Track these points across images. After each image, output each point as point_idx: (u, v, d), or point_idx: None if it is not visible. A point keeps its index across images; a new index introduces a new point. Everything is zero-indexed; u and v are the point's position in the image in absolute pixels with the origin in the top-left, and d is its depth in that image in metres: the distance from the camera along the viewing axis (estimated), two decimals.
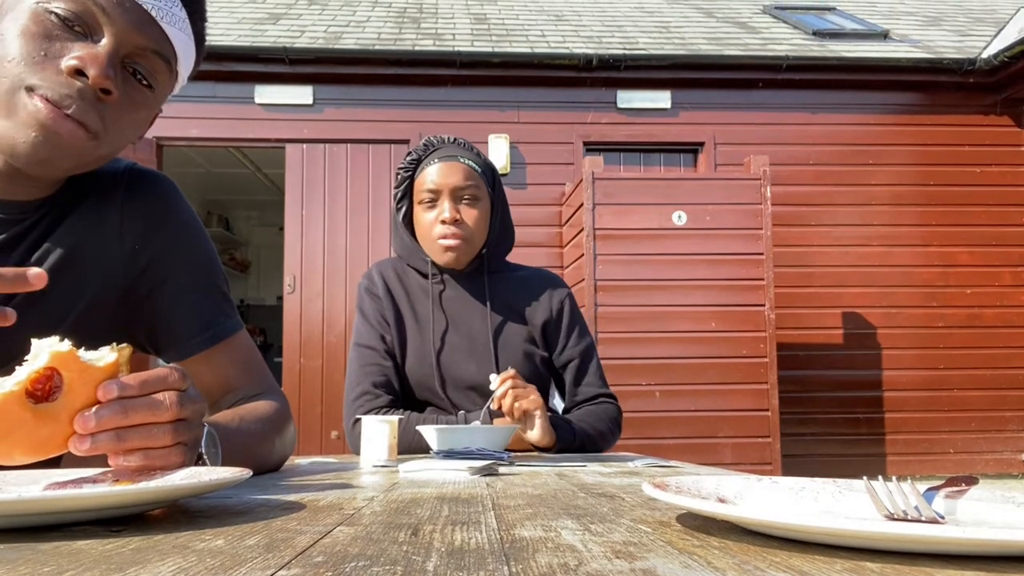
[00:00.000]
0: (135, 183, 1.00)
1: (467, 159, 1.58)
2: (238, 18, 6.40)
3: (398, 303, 1.61)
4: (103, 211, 0.97)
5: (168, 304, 1.00)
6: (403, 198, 1.63)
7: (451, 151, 1.59)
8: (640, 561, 0.41)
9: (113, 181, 0.99)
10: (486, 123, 5.68)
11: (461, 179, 1.55)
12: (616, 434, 1.62)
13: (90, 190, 0.97)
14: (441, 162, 1.57)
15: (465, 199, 1.56)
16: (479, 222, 1.57)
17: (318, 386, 5.43)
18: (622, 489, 0.78)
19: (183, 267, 1.01)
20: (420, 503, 0.66)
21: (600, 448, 1.57)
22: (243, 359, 1.05)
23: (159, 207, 1.01)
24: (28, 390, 0.58)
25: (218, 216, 9.56)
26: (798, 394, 5.42)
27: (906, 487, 0.52)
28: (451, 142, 1.62)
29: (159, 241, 0.99)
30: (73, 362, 0.60)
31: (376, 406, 1.51)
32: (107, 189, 0.98)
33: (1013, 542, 0.38)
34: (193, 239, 1.03)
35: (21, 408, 0.58)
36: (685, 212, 4.53)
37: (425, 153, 1.61)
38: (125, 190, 0.99)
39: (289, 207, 5.61)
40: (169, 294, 1.00)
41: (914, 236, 5.77)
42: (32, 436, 0.59)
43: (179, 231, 1.02)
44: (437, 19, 6.65)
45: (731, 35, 6.43)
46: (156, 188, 1.02)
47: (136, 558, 0.42)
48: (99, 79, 0.81)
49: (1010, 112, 5.90)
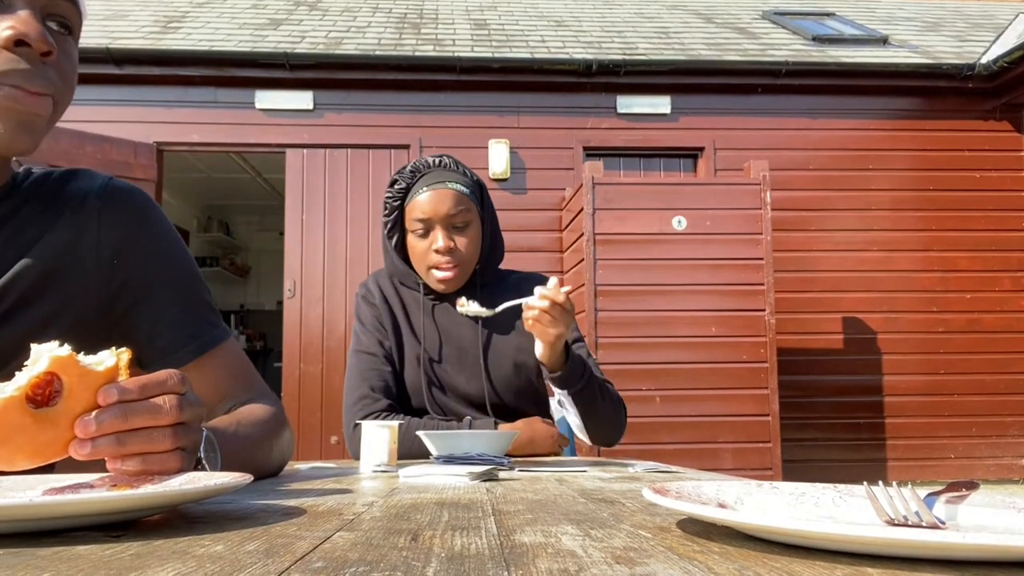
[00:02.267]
0: (111, 197, 0.99)
1: (456, 183, 1.56)
2: (239, 24, 6.42)
3: (394, 312, 1.63)
4: (81, 225, 0.95)
5: (151, 319, 0.98)
6: (394, 226, 1.61)
7: (439, 176, 1.56)
8: (640, 567, 0.41)
9: (90, 196, 0.97)
10: (486, 128, 5.68)
11: (452, 206, 1.53)
12: (622, 414, 1.57)
13: (65, 205, 0.95)
14: (430, 189, 1.54)
15: (457, 225, 1.55)
16: (472, 246, 1.57)
17: (318, 391, 5.42)
18: (622, 494, 0.78)
19: (163, 281, 1.00)
20: (420, 508, 0.66)
21: (610, 413, 1.52)
22: (233, 366, 1.05)
23: (136, 221, 0.99)
24: (28, 395, 0.58)
25: (218, 221, 9.57)
26: (798, 399, 5.42)
27: (907, 492, 0.52)
28: (436, 165, 1.59)
29: (137, 256, 0.98)
30: (73, 366, 0.60)
31: (375, 410, 1.52)
32: (83, 203, 0.96)
33: (1014, 548, 0.38)
34: (172, 252, 1.02)
35: (21, 413, 0.58)
36: (685, 217, 4.53)
37: (413, 180, 1.58)
38: (102, 204, 0.97)
39: (289, 212, 5.61)
40: (151, 309, 0.98)
41: (914, 241, 5.77)
42: (32, 441, 0.59)
43: (157, 245, 1.01)
44: (437, 24, 6.66)
45: (730, 40, 6.45)
46: (132, 202, 1.01)
47: (135, 563, 0.41)
48: (41, 44, 0.81)
49: (1009, 117, 5.91)
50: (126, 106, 5.52)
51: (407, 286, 1.65)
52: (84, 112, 5.43)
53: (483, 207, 1.63)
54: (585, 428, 1.52)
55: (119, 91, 5.52)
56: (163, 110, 5.56)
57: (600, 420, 1.52)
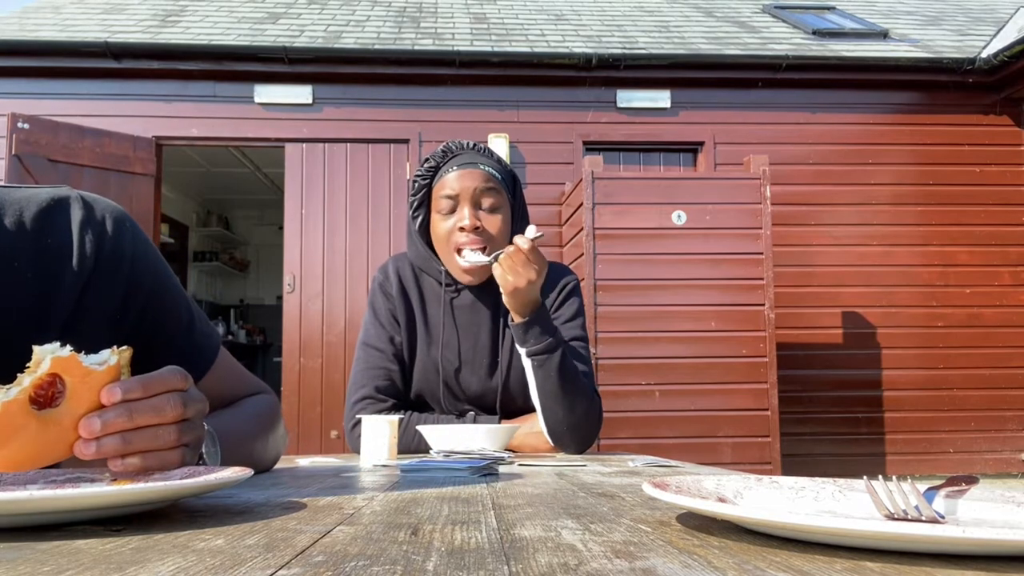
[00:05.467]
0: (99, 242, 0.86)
1: (487, 166, 1.52)
2: (237, 17, 6.40)
3: (411, 303, 1.57)
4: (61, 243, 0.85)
5: (156, 356, 0.90)
6: (419, 206, 1.56)
7: (471, 157, 1.52)
8: (640, 561, 0.41)
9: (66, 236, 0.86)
10: (485, 122, 5.67)
11: (481, 183, 1.49)
12: (594, 420, 1.44)
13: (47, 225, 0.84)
14: (460, 168, 1.50)
15: (485, 206, 1.50)
16: (501, 231, 1.51)
17: (318, 386, 5.42)
18: (622, 489, 0.78)
19: (167, 321, 0.93)
20: (420, 503, 0.66)
21: (571, 399, 1.38)
22: (228, 374, 1.04)
23: (131, 266, 0.88)
24: (31, 397, 0.58)
25: (218, 215, 9.56)
26: (798, 393, 5.42)
27: (906, 487, 0.52)
28: (471, 148, 1.55)
29: (139, 306, 0.89)
30: (75, 367, 0.60)
31: (377, 410, 1.49)
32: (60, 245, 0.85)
33: (1013, 542, 0.38)
34: (167, 287, 0.93)
35: (25, 415, 0.58)
36: (685, 212, 4.53)
37: (443, 160, 1.54)
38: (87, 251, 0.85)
39: (288, 206, 5.61)
40: (155, 348, 0.90)
41: (914, 235, 5.77)
42: (36, 443, 0.59)
43: (155, 288, 0.91)
44: (437, 18, 6.65)
45: (731, 34, 6.43)
46: (123, 242, 0.88)
47: (136, 557, 0.41)
48: None
49: (1009, 111, 5.90)
50: (125, 100, 5.51)
51: (428, 274, 1.59)
52: (82, 106, 5.42)
53: (515, 198, 1.58)
54: (543, 413, 1.40)
55: (118, 85, 5.51)
56: (162, 104, 5.54)
57: (558, 403, 1.38)
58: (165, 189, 6.21)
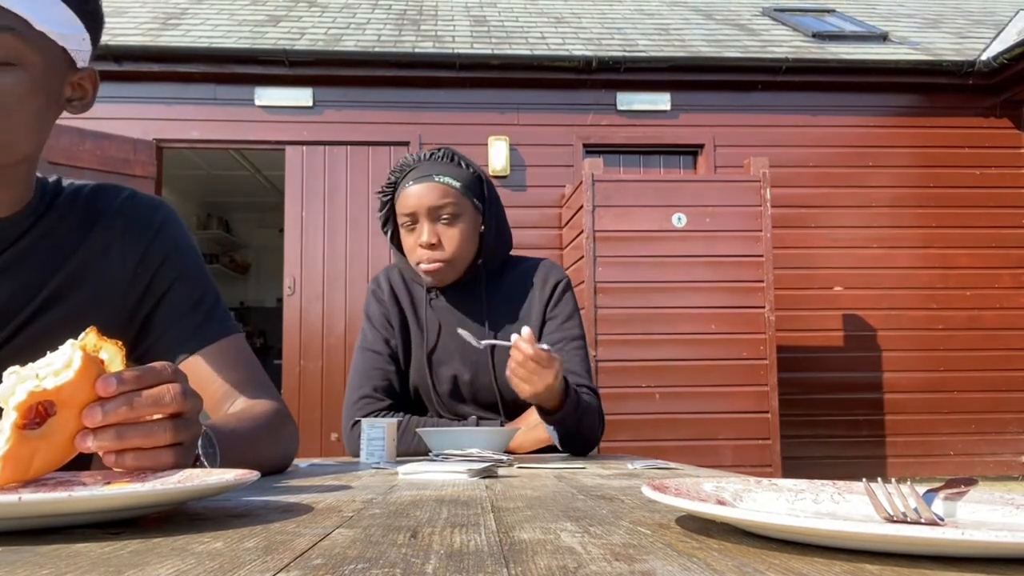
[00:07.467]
0: (132, 212, 1.04)
1: (444, 176, 1.53)
2: (238, 20, 6.41)
3: (402, 308, 1.61)
4: (107, 241, 1.01)
5: (164, 320, 1.03)
6: (387, 222, 1.61)
7: (426, 170, 1.54)
8: (639, 563, 0.41)
9: (111, 212, 1.03)
10: (486, 125, 5.68)
11: (436, 199, 1.51)
12: (599, 429, 1.52)
13: (95, 222, 1.01)
14: (416, 183, 1.52)
15: (443, 218, 1.52)
16: (460, 241, 1.53)
17: (318, 388, 5.42)
18: (621, 491, 0.78)
19: (175, 285, 1.04)
20: (419, 505, 0.66)
21: (591, 436, 1.48)
22: (237, 362, 1.05)
23: (153, 232, 1.05)
24: (21, 425, 0.59)
25: (218, 218, 9.56)
26: (798, 396, 5.42)
27: (906, 489, 0.52)
28: (427, 159, 1.57)
29: (154, 265, 1.04)
30: (54, 392, 0.60)
31: (376, 410, 1.51)
32: (109, 220, 1.02)
33: (1012, 544, 0.38)
34: (184, 259, 1.06)
35: (20, 443, 0.58)
36: (685, 214, 4.53)
37: (401, 175, 1.57)
38: (124, 220, 1.03)
39: (289, 209, 5.61)
40: (164, 310, 1.04)
41: (914, 238, 5.77)
42: (32, 460, 0.60)
43: (170, 253, 1.05)
44: (437, 21, 6.65)
45: (730, 37, 6.44)
46: (151, 215, 1.06)
47: (134, 560, 0.41)
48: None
49: (1009, 114, 5.91)
50: (125, 103, 5.51)
51: (415, 280, 1.63)
52: None
53: (484, 200, 1.59)
54: (559, 441, 1.46)
55: (118, 88, 5.51)
56: (162, 107, 5.55)
57: (576, 440, 1.46)
58: (165, 192, 6.21)
